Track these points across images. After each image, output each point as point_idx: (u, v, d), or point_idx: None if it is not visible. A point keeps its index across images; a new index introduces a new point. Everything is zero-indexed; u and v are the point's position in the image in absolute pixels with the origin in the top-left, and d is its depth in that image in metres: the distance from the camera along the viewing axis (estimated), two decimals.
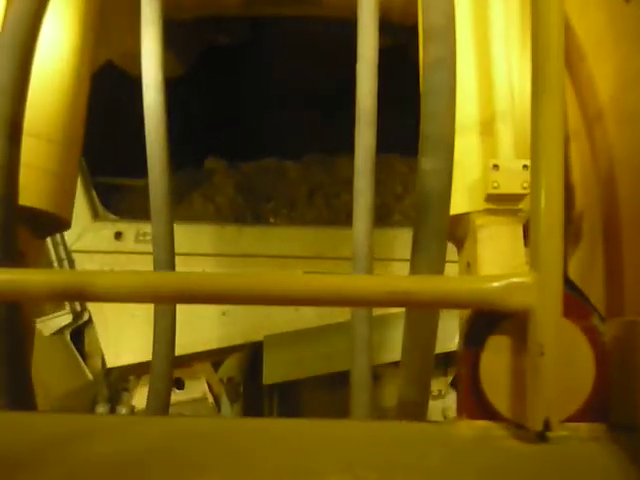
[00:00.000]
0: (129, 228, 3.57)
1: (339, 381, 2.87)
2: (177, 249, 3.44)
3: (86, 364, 3.30)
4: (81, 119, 1.70)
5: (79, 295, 0.97)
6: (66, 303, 2.97)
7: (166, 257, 1.66)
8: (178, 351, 3.30)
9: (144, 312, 3.44)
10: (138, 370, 3.40)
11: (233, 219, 3.93)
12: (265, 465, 0.91)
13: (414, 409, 1.27)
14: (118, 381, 3.37)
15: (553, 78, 0.93)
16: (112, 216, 3.73)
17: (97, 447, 0.94)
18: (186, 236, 2.92)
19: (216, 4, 2.52)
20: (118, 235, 3.53)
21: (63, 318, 3.05)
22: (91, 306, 3.40)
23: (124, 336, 3.48)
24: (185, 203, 3.90)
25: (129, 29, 1.77)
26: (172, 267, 1.69)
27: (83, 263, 3.42)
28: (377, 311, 2.98)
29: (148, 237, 3.51)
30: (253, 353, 3.57)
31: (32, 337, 1.47)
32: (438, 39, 1.22)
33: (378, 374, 3.02)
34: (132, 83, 2.00)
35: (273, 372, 3.41)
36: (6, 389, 1.23)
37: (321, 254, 3.45)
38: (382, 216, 3.82)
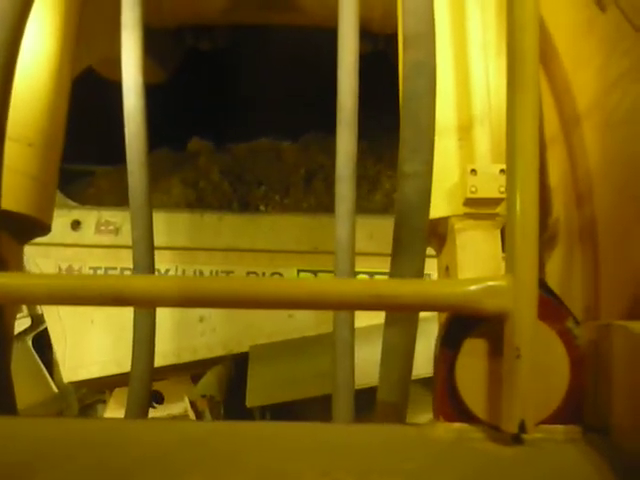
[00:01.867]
0: (88, 216, 3.76)
1: None
2: None
3: (52, 375, 3.52)
4: (61, 123, 2.04)
5: (70, 299, 1.25)
6: (24, 306, 3.22)
7: (146, 261, 1.98)
8: None
9: (105, 317, 3.70)
10: (107, 384, 3.66)
11: (217, 207, 4.13)
12: (244, 468, 1.18)
13: (393, 412, 1.56)
14: (90, 393, 3.57)
15: (528, 82, 1.20)
16: (70, 202, 3.97)
17: (80, 452, 1.22)
18: (156, 227, 3.18)
19: (198, 12, 2.84)
20: (76, 224, 3.74)
21: (21, 322, 3.27)
22: (46, 310, 3.64)
23: (83, 346, 3.72)
24: (161, 189, 4.11)
25: (109, 35, 2.10)
26: (152, 270, 1.98)
27: (36, 258, 3.64)
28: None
29: (111, 227, 3.76)
30: (237, 367, 3.78)
31: (11, 341, 1.78)
32: (418, 45, 1.52)
33: None
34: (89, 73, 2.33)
35: (259, 392, 3.55)
36: None
37: (318, 248, 3.68)
38: (392, 204, 4.06)
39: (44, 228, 2.05)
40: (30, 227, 1.98)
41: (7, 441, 1.25)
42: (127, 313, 3.57)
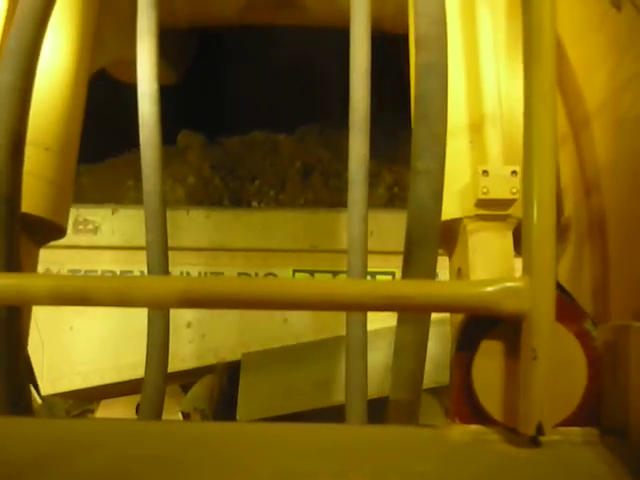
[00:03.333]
0: None
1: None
2: (127, 241, 3.77)
3: (35, 386, 3.61)
4: (77, 128, 2.25)
5: (83, 300, 1.39)
6: None
7: (160, 264, 2.17)
8: (130, 374, 3.64)
9: (85, 324, 3.81)
10: (90, 396, 3.75)
11: (208, 204, 4.22)
12: (258, 470, 1.30)
13: (406, 411, 1.71)
14: (78, 404, 3.66)
15: (545, 84, 1.33)
16: None
17: (90, 453, 1.35)
18: (139, 225, 3.25)
19: (211, 14, 3.01)
20: None
21: None
22: None
23: (62, 355, 3.83)
24: None
25: (122, 37, 2.28)
26: (166, 273, 2.16)
27: None
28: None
29: (89, 226, 3.86)
30: (229, 376, 3.86)
31: (26, 343, 1.93)
32: (430, 46, 1.69)
33: None
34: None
35: (251, 404, 3.64)
36: (5, 392, 1.69)
37: (315, 246, 3.79)
38: (393, 198, 4.19)
39: (60, 231, 2.25)
40: (46, 230, 2.17)
41: (20, 441, 1.39)
42: (109, 320, 3.73)
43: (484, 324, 1.40)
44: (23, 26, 1.74)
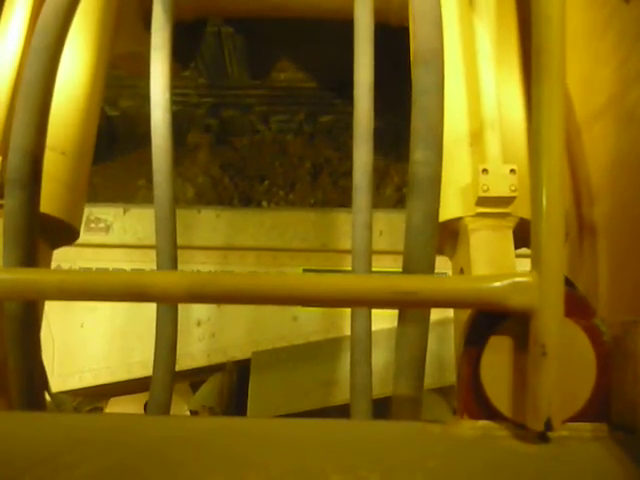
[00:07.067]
0: None
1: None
2: (138, 240, 3.79)
3: (45, 382, 3.63)
4: (92, 134, 2.32)
5: (94, 295, 1.40)
6: None
7: (169, 268, 2.22)
8: (140, 372, 3.65)
9: (96, 320, 3.83)
10: (99, 393, 3.77)
11: (217, 203, 4.25)
12: (267, 466, 1.29)
13: (409, 406, 1.72)
14: (87, 401, 3.68)
15: (554, 81, 1.32)
16: None
17: (98, 449, 1.35)
18: (150, 224, 3.27)
19: (217, 6, 3.04)
20: None
21: None
22: None
23: (73, 352, 3.85)
24: None
25: (127, 31, 2.31)
26: None
27: None
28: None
29: (101, 224, 3.89)
30: (239, 375, 3.88)
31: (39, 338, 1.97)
32: (427, 46, 1.77)
33: None
34: None
35: (262, 403, 3.66)
36: (21, 388, 1.71)
37: (325, 245, 3.85)
38: (402, 199, 4.18)
39: (74, 233, 2.28)
40: (61, 231, 2.21)
41: (30, 436, 1.39)
42: (119, 317, 3.75)
43: (492, 319, 1.39)
44: (45, 30, 1.79)
